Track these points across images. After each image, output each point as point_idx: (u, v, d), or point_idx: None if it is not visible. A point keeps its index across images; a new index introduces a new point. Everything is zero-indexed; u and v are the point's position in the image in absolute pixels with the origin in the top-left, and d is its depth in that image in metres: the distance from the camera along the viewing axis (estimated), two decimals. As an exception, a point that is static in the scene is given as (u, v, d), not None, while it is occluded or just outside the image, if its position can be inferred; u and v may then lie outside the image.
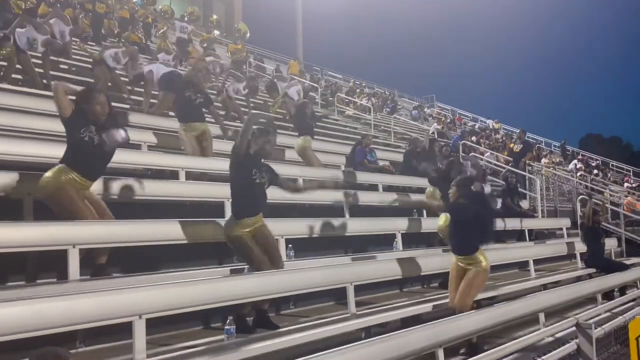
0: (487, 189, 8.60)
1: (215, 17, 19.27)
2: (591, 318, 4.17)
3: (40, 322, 2.70)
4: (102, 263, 3.99)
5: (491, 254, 5.24)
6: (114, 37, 14.60)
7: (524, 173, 11.94)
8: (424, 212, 8.23)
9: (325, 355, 2.99)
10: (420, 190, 8.67)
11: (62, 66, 10.23)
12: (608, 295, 7.16)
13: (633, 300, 5.08)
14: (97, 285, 3.58)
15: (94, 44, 13.98)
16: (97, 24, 14.65)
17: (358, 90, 24.46)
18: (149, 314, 3.12)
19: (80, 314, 2.86)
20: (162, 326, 3.96)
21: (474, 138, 18.37)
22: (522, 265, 7.97)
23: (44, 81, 8.27)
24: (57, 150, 4.36)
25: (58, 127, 5.96)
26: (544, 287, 6.90)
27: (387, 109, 23.61)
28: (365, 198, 7.52)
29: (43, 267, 4.05)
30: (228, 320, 3.63)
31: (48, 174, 3.99)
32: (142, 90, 9.38)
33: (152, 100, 8.79)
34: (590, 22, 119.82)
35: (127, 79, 9.70)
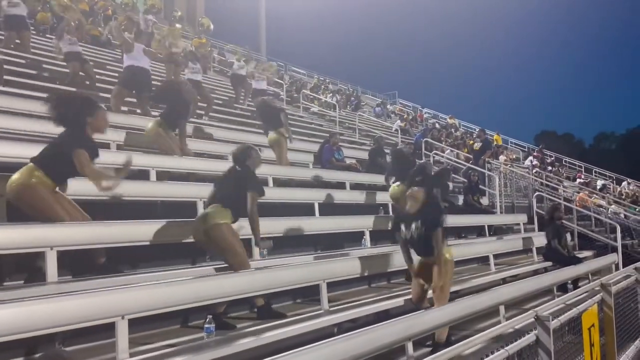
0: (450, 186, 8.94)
1: (179, 13, 18.95)
2: (548, 310, 4.47)
3: (27, 324, 2.74)
4: (102, 263, 4.04)
5: (454, 250, 5.50)
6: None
7: (483, 170, 12.40)
8: (390, 209, 8.48)
9: (305, 351, 3.12)
10: (385, 188, 8.92)
11: (19, 60, 9.95)
12: (562, 286, 7.62)
13: (585, 292, 5.44)
14: (76, 286, 3.60)
15: (53, 36, 13.62)
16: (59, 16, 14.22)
17: (323, 86, 24.64)
18: (132, 314, 3.19)
19: (66, 315, 2.91)
20: (141, 325, 4.01)
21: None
22: (483, 260, 8.33)
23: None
24: (29, 150, 4.34)
25: (29, 126, 5.93)
26: (504, 280, 7.25)
27: (351, 106, 23.91)
28: (335, 196, 7.70)
29: (14, 268, 4.04)
30: (207, 319, 3.72)
31: (16, 175, 3.96)
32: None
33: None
34: (545, 19, 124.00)
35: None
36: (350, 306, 4.77)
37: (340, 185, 8.86)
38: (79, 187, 4.42)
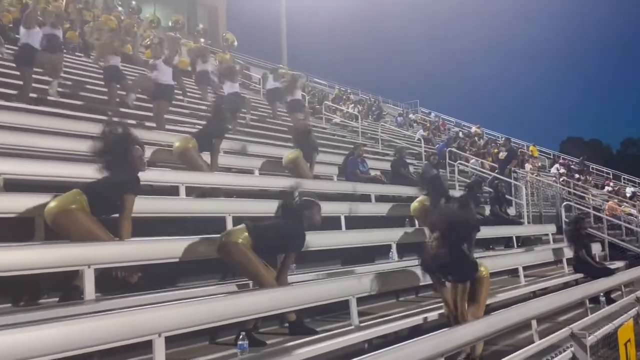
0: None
1: (201, 26, 19.31)
2: (582, 325, 4.40)
3: (69, 344, 2.79)
4: (135, 280, 4.13)
5: (486, 262, 5.45)
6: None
7: (509, 180, 12.25)
8: (416, 222, 8.43)
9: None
10: (411, 199, 8.89)
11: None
12: (594, 299, 7.46)
13: (620, 306, 5.34)
14: (113, 304, 3.68)
15: (82, 54, 13.97)
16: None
17: (344, 97, 24.71)
18: (169, 331, 3.24)
19: (105, 334, 2.96)
20: (171, 342, 4.06)
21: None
22: (511, 272, 8.21)
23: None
24: (68, 170, 4.47)
25: (67, 145, 6.11)
26: (534, 293, 7.14)
27: (373, 116, 23.91)
28: (361, 209, 7.71)
29: (50, 286, 4.14)
30: (241, 336, 3.76)
31: (54, 202, 4.08)
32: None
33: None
34: (569, 23, 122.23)
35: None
36: (381, 321, 4.76)
37: (365, 198, 8.85)
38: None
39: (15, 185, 4.78)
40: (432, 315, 5.08)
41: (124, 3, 20.45)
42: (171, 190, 6.34)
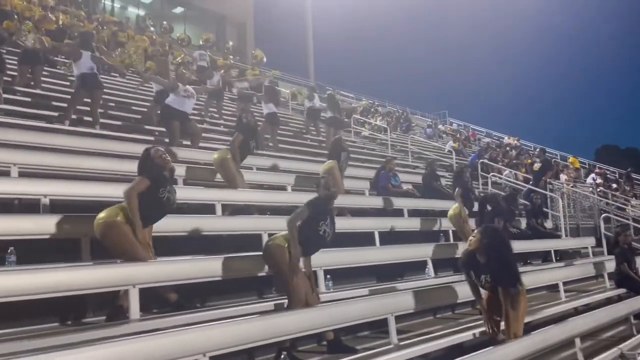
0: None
1: (231, 43, 19.67)
2: (630, 345, 4.26)
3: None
4: (174, 299, 4.20)
5: (523, 278, 5.33)
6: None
7: (545, 192, 12.00)
8: (451, 236, 8.35)
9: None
10: (443, 213, 8.80)
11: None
12: (639, 315, 7.20)
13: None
14: (158, 324, 3.75)
15: (117, 75, 14.39)
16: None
17: (372, 109, 24.71)
18: (214, 351, 3.28)
19: (153, 354, 3.02)
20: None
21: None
22: (551, 287, 8.01)
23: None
24: (111, 190, 4.60)
25: (113, 166, 6.30)
26: (575, 310, 6.95)
27: (402, 128, 23.81)
28: (394, 224, 7.68)
29: (97, 305, 4.25)
30: (283, 355, 3.78)
31: (102, 214, 4.21)
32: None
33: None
34: (604, 34, 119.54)
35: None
36: (420, 340, 4.70)
37: (398, 212, 8.81)
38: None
39: (60, 207, 4.95)
40: (471, 335, 4.99)
41: (156, 23, 21.03)
42: (207, 208, 6.46)
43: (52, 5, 14.79)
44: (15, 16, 12.48)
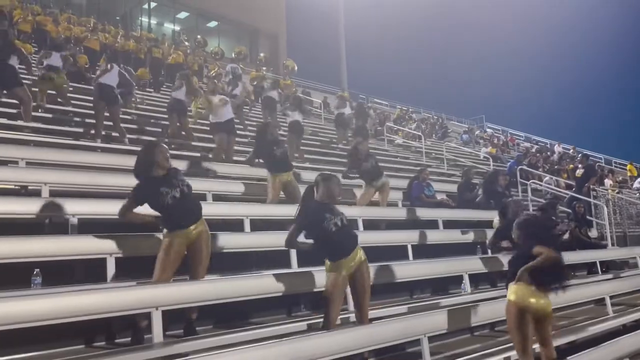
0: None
1: (262, 54, 19.81)
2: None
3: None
4: (194, 319, 4.15)
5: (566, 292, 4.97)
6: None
7: (588, 199, 11.47)
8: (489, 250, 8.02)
9: None
10: (481, 224, 8.48)
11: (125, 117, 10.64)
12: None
13: None
14: (181, 348, 3.67)
15: (152, 90, 14.67)
16: (156, 70, 15.31)
17: (407, 117, 24.38)
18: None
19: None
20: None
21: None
22: (597, 301, 7.58)
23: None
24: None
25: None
26: (624, 326, 6.52)
27: (437, 135, 23.38)
28: (428, 236, 7.43)
29: (122, 327, 4.21)
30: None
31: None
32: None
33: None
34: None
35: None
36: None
37: (432, 224, 8.53)
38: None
39: (89, 225, 4.96)
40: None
41: (190, 37, 21.42)
42: (236, 223, 6.38)
43: (92, 27, 15.34)
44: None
